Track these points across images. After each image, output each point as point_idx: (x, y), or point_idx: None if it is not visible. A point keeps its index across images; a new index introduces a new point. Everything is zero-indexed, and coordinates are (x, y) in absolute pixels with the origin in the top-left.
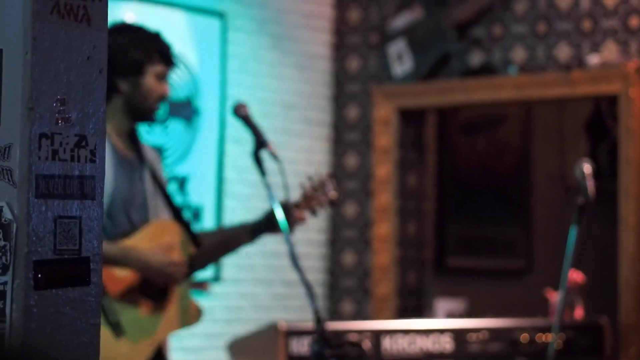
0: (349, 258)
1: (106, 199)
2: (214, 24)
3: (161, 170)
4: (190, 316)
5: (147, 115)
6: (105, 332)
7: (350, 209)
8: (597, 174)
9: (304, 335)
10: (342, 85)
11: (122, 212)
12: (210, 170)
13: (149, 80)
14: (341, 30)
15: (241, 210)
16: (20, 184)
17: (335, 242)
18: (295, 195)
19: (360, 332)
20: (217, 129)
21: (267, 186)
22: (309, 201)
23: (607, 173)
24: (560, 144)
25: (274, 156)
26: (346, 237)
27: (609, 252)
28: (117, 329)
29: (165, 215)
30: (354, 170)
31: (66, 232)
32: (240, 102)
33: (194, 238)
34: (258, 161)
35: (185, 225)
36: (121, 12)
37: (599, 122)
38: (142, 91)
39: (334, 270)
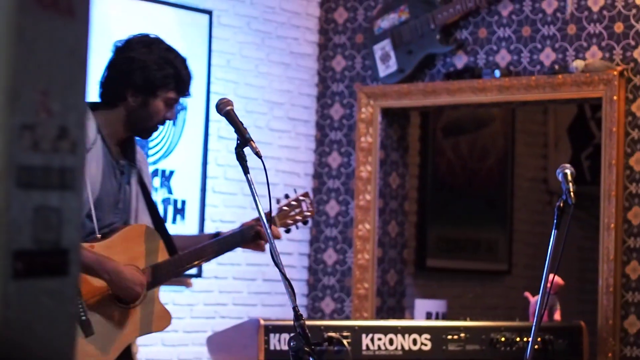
0: (330, 257)
1: (93, 200)
2: (200, 20)
3: (148, 174)
4: (158, 321)
5: (145, 133)
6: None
7: (332, 208)
8: (579, 178)
9: (284, 331)
10: (326, 85)
11: (106, 214)
12: (195, 166)
13: (158, 103)
14: (327, 30)
15: (223, 206)
16: (1, 174)
17: (317, 241)
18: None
19: (340, 330)
20: (202, 126)
21: (250, 183)
22: (283, 218)
23: (589, 177)
24: (543, 147)
25: (257, 154)
26: (328, 236)
27: (589, 256)
28: (87, 329)
29: (145, 219)
30: (337, 170)
31: (46, 222)
32: (225, 99)
33: (170, 246)
34: (241, 158)
35: (163, 232)
36: (109, 7)
37: (582, 126)
38: (148, 111)
39: (315, 268)
